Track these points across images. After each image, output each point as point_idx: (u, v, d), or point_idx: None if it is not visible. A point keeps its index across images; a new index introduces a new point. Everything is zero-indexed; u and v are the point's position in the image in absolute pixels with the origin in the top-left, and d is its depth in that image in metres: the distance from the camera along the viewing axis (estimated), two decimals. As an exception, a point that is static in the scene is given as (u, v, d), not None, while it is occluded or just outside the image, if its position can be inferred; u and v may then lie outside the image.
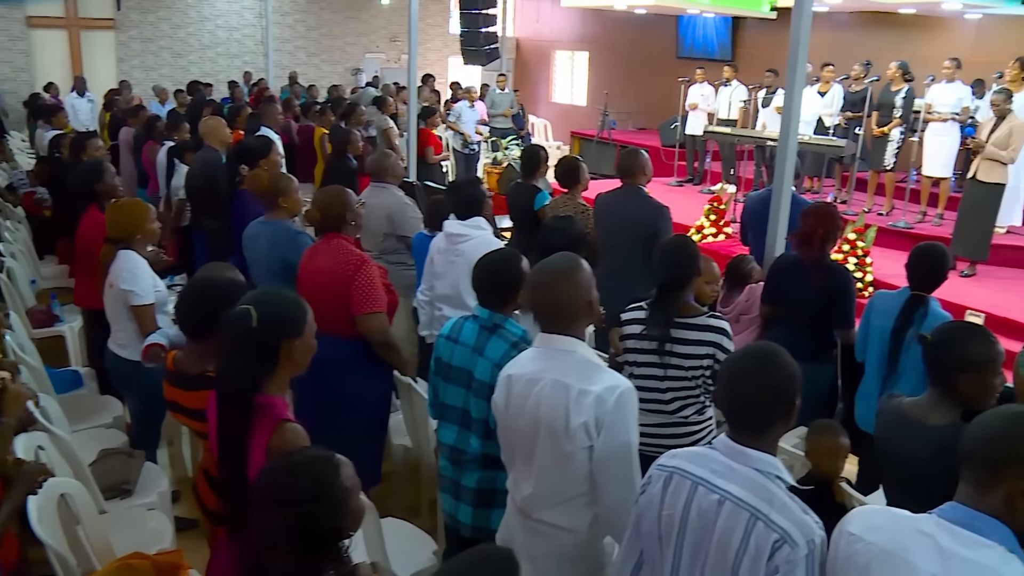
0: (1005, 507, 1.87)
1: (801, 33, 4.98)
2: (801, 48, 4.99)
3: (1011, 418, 1.93)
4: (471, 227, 4.84)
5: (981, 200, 8.33)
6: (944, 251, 4.16)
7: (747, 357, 2.26)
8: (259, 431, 2.56)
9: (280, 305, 2.69)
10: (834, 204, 4.80)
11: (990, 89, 9.91)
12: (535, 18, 20.99)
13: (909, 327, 4.04)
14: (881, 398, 2.95)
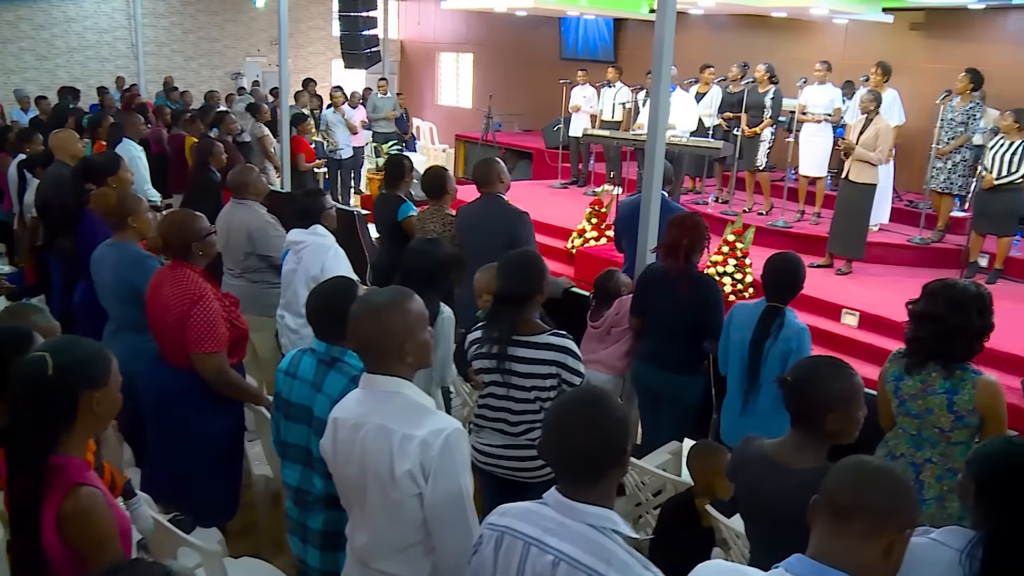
0: (880, 558, 1.83)
1: (665, 36, 4.88)
2: (666, 51, 4.88)
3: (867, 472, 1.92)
4: (310, 234, 4.78)
5: (854, 200, 8.46)
6: (798, 262, 4.09)
7: (571, 403, 2.08)
8: (52, 495, 2.26)
9: (80, 352, 2.38)
10: (699, 214, 4.65)
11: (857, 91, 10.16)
12: (417, 20, 20.71)
13: (766, 339, 3.96)
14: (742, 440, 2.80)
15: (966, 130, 9.10)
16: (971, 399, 3.24)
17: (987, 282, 8.69)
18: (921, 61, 11.32)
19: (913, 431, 3.41)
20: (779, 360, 3.92)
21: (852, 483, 1.88)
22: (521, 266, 3.57)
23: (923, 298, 3.37)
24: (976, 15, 10.94)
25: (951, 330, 3.25)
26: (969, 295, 3.27)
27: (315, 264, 4.68)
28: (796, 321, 4.00)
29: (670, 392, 4.59)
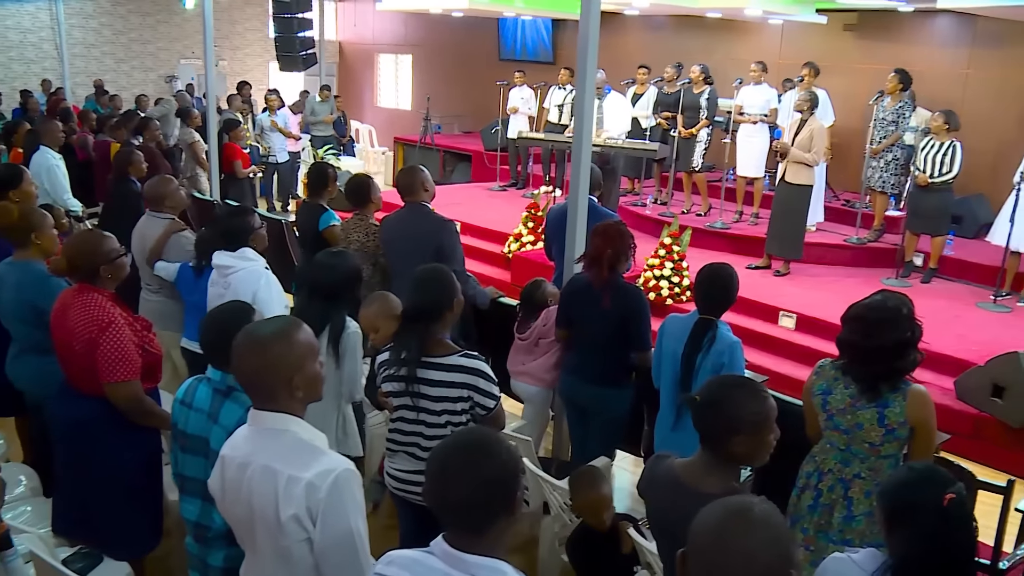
0: None
1: (590, 38, 4.73)
2: (590, 53, 4.74)
3: None
4: (238, 258, 4.46)
5: (791, 201, 8.43)
6: (731, 274, 3.97)
7: (453, 450, 1.92)
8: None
9: None
10: (622, 222, 4.51)
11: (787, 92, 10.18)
12: (354, 21, 20.43)
13: (698, 352, 3.84)
14: (650, 458, 2.68)
15: (897, 128, 9.14)
16: (902, 412, 3.15)
17: (922, 281, 8.76)
18: (855, 61, 11.39)
19: (842, 446, 3.31)
20: (711, 374, 3.80)
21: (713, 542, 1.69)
22: (431, 282, 3.39)
23: (847, 324, 3.28)
24: (905, 17, 11.02)
25: (886, 349, 3.15)
26: (892, 309, 3.18)
27: (246, 292, 4.37)
28: (729, 334, 3.89)
29: (597, 405, 4.45)
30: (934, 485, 2.26)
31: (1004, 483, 3.74)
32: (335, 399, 4.03)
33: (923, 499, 2.23)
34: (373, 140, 18.66)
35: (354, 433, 4.12)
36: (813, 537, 3.38)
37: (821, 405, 3.34)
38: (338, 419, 4.06)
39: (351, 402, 4.06)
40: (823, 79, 9.72)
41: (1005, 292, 8.29)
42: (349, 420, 4.09)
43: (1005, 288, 8.30)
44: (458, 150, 15.49)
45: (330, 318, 3.91)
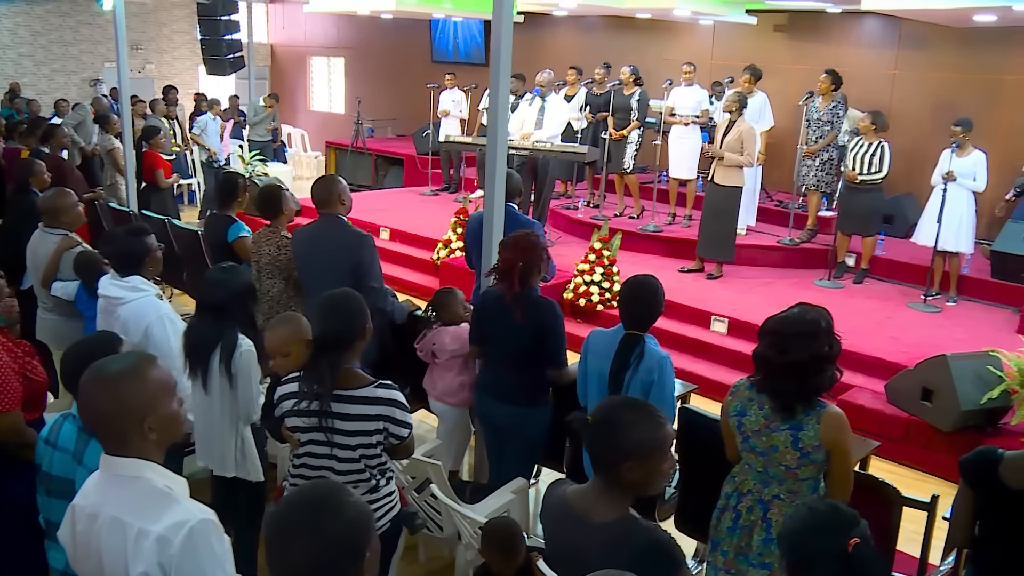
0: None
1: (502, 39, 4.54)
2: (503, 53, 4.55)
3: None
4: (127, 288, 4.15)
5: (721, 203, 8.34)
6: (655, 287, 3.79)
7: (290, 512, 1.70)
8: None
9: None
10: (534, 233, 4.29)
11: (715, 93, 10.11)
12: (282, 24, 20.02)
13: (626, 369, 3.65)
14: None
15: (832, 128, 9.11)
16: (816, 435, 2.99)
17: (855, 282, 8.74)
18: (786, 62, 11.37)
19: (759, 467, 3.15)
20: (640, 391, 3.63)
21: None
22: (341, 308, 3.16)
23: (762, 337, 3.11)
24: (834, 18, 11.03)
25: (802, 365, 2.99)
26: (809, 322, 3.02)
27: (136, 328, 4.08)
28: (657, 349, 3.70)
29: (513, 425, 4.24)
30: (837, 530, 2.11)
31: (928, 499, 3.61)
32: (232, 421, 3.80)
33: (825, 547, 2.09)
34: (306, 144, 18.29)
35: (253, 456, 3.88)
36: (732, 560, 3.22)
37: (737, 427, 3.18)
38: (236, 442, 3.83)
39: (249, 424, 3.82)
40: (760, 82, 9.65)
41: (935, 292, 8.30)
42: (248, 443, 3.85)
43: (934, 288, 8.31)
44: (391, 154, 15.22)
45: (221, 336, 3.68)
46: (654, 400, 3.58)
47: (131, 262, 4.20)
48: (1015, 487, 2.71)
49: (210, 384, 3.76)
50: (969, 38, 9.75)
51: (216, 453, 3.87)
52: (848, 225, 8.60)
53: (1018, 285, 8.19)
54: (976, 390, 5.72)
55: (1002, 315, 8.01)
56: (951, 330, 7.50)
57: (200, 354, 3.76)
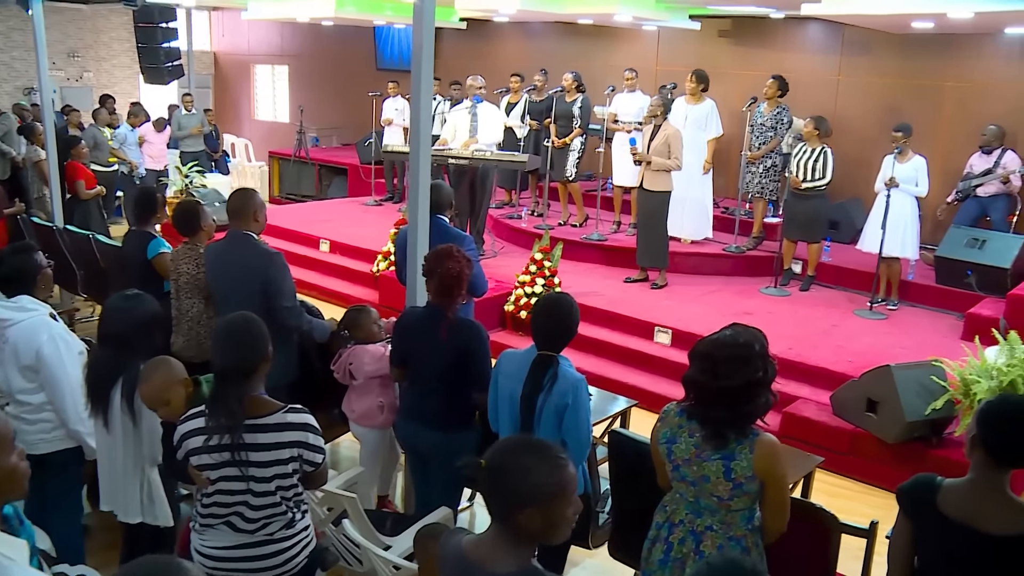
0: None
1: (424, 44, 4.33)
2: (424, 59, 4.34)
3: None
4: (15, 309, 3.87)
5: (652, 209, 8.19)
6: (569, 305, 3.57)
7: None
8: None
9: None
10: (457, 247, 4.07)
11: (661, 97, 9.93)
12: (225, 32, 19.62)
13: (539, 392, 3.44)
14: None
15: (775, 134, 9.01)
16: (749, 465, 2.80)
17: (801, 289, 8.65)
18: (731, 67, 11.28)
19: (691, 497, 2.95)
20: (554, 416, 3.41)
21: None
22: (241, 334, 2.94)
23: (693, 361, 2.92)
24: (778, 24, 10.97)
25: (734, 391, 2.80)
26: (742, 346, 2.83)
27: (27, 351, 3.81)
28: (572, 371, 3.49)
29: (438, 451, 4.01)
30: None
31: (867, 526, 3.44)
32: (136, 462, 3.54)
33: None
34: (250, 154, 17.90)
35: (161, 500, 3.63)
36: (666, 594, 3.02)
37: (666, 454, 2.98)
38: (142, 484, 3.58)
39: (155, 465, 3.57)
40: (707, 88, 9.52)
41: (880, 298, 8.21)
42: (155, 485, 3.60)
43: (880, 294, 8.22)
44: (334, 164, 14.93)
45: (122, 370, 3.42)
46: (568, 425, 3.39)
47: (18, 282, 3.93)
48: (954, 517, 2.53)
49: (112, 422, 3.50)
50: (910, 44, 9.73)
51: (120, 498, 3.60)
52: (793, 232, 8.50)
53: (962, 290, 8.12)
54: (921, 400, 5.60)
55: (947, 321, 7.93)
56: (897, 337, 7.40)
57: (101, 390, 3.51)
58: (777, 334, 7.24)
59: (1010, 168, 8.57)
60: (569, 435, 3.41)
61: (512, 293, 7.87)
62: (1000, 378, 5.38)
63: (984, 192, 8.74)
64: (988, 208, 8.79)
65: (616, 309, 7.71)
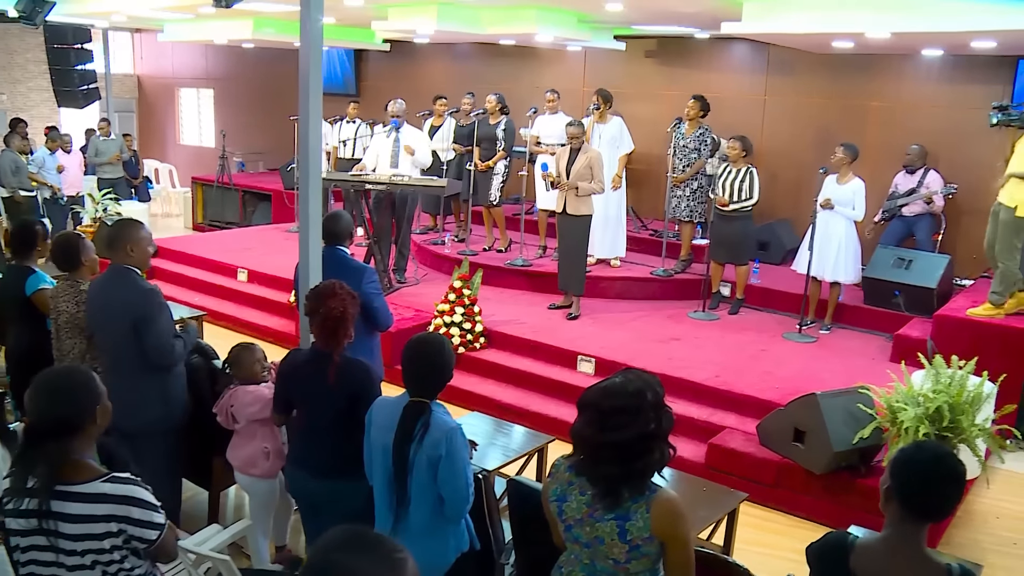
0: None
1: (311, 65, 4.03)
2: (312, 81, 4.07)
3: None
4: None
5: (576, 234, 7.91)
6: (439, 345, 3.27)
7: None
8: None
9: None
10: (341, 283, 3.76)
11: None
12: (146, 54, 19.09)
13: (410, 442, 3.14)
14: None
15: (699, 156, 8.86)
16: (646, 525, 2.52)
17: (730, 312, 8.48)
18: (658, 88, 11.17)
19: (586, 560, 2.67)
20: (428, 469, 3.11)
21: None
22: (60, 388, 2.58)
23: (580, 412, 2.65)
24: (704, 44, 10.88)
25: (623, 445, 2.53)
26: (632, 395, 2.56)
27: None
28: (446, 419, 3.19)
29: (330, 501, 3.69)
30: None
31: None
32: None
33: None
34: (174, 180, 17.41)
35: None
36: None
37: (557, 513, 2.70)
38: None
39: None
40: (622, 106, 9.33)
41: (810, 320, 8.07)
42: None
43: (810, 316, 8.08)
44: (258, 189, 14.49)
45: None
46: (443, 478, 3.09)
47: None
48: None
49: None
50: (835, 65, 9.69)
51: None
52: (720, 254, 8.33)
53: (891, 311, 8.02)
54: (848, 429, 5.42)
55: (876, 343, 7.81)
56: (826, 361, 7.25)
57: None
58: (704, 360, 7.06)
59: (933, 188, 8.53)
60: (445, 489, 3.12)
61: (431, 323, 7.56)
62: (926, 404, 5.22)
63: (909, 212, 8.69)
64: (913, 228, 8.75)
65: (539, 338, 7.44)
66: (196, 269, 10.59)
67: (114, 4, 10.59)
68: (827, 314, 8.11)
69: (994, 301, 6.96)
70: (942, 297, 7.83)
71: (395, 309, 8.12)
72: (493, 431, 5.38)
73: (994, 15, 6.11)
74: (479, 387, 7.16)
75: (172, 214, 16.85)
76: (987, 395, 5.40)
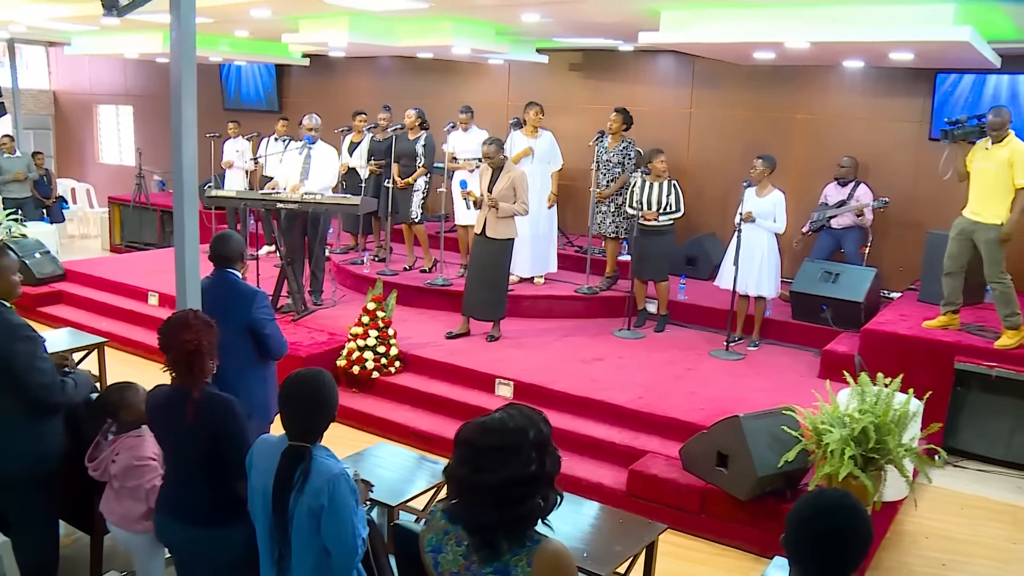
0: None
1: (183, 75, 3.69)
2: (184, 95, 3.71)
3: None
4: None
5: (494, 258, 7.56)
6: (318, 383, 2.91)
7: None
8: None
9: None
10: (197, 311, 3.43)
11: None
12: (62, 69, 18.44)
13: (290, 490, 2.81)
14: None
15: (623, 171, 8.66)
16: None
17: (656, 330, 8.27)
18: (583, 102, 10.97)
19: (468, 618, 2.36)
20: (309, 519, 2.79)
21: None
22: None
23: (455, 449, 2.35)
24: (629, 57, 10.70)
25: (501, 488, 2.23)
26: (511, 432, 2.27)
27: None
28: (328, 464, 2.85)
29: (200, 551, 3.33)
30: None
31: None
32: None
33: None
34: (92, 200, 16.77)
35: None
36: None
37: (433, 565, 2.39)
38: None
39: None
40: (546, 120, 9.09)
41: (737, 337, 7.90)
42: None
43: (737, 332, 7.91)
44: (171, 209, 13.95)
45: None
46: (328, 531, 2.77)
47: None
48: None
49: None
50: (760, 77, 9.58)
51: None
52: (643, 270, 8.12)
53: (819, 326, 7.88)
54: (772, 452, 5.20)
55: (804, 358, 7.67)
56: (752, 379, 7.06)
57: None
58: (627, 381, 6.82)
59: (863, 201, 8.43)
60: (330, 542, 2.80)
61: (344, 347, 7.22)
62: (852, 425, 5.03)
63: (838, 224, 8.59)
64: (842, 240, 8.65)
65: (455, 361, 7.13)
66: (105, 293, 10.11)
67: (8, 13, 10.07)
68: (754, 330, 7.96)
69: (1013, 324, 6.56)
70: (870, 310, 7.71)
71: (308, 333, 7.82)
72: (404, 461, 5.05)
73: (910, 27, 6.02)
74: (393, 414, 6.83)
75: (90, 235, 16.23)
76: (913, 413, 5.22)
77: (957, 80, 8.56)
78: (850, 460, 4.91)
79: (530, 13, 7.58)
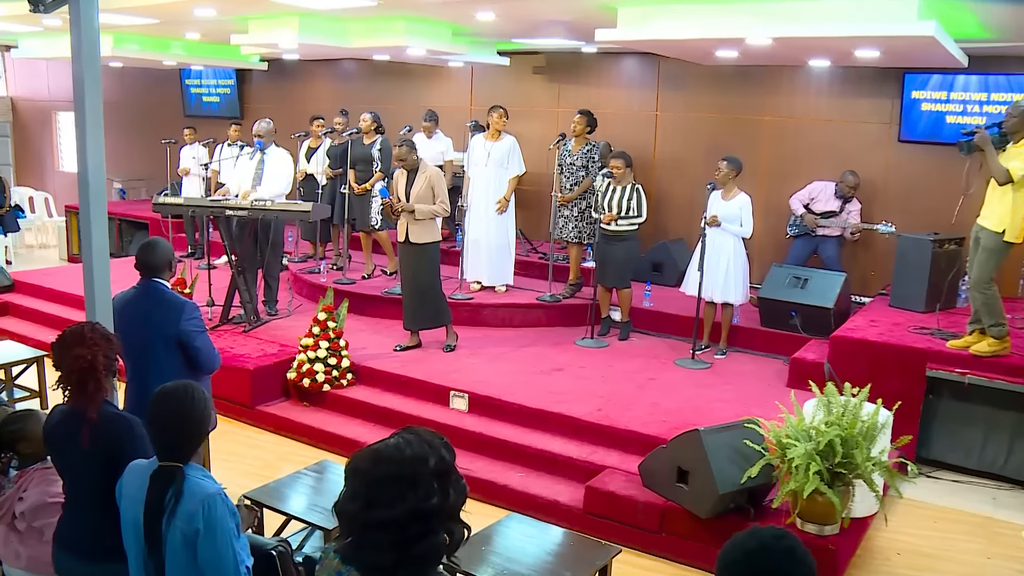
0: None
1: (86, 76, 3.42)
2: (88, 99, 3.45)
3: None
4: None
5: (421, 265, 7.27)
6: (187, 399, 2.69)
7: None
8: None
9: None
10: (95, 323, 3.14)
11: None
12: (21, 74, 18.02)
13: (161, 515, 2.53)
14: None
15: (587, 174, 8.40)
16: None
17: (620, 338, 8.02)
18: (547, 105, 10.74)
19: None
20: (185, 547, 2.52)
21: None
22: None
23: (346, 481, 2.05)
24: (593, 59, 10.47)
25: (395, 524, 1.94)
26: (408, 461, 1.97)
27: None
28: (203, 484, 2.58)
29: (100, 589, 3.04)
30: None
31: None
32: None
33: None
34: (51, 209, 16.36)
35: None
36: None
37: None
38: None
39: None
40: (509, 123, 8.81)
41: (704, 344, 7.67)
42: None
43: (704, 340, 7.68)
44: (135, 218, 13.61)
45: None
46: (205, 558, 2.50)
47: None
48: None
49: None
50: (725, 78, 9.38)
51: None
52: (607, 277, 7.86)
53: (788, 333, 7.66)
54: (735, 468, 4.95)
55: (772, 366, 7.44)
56: (718, 389, 6.81)
57: None
58: (587, 392, 6.56)
59: (853, 215, 8.27)
60: (208, 570, 2.53)
61: (294, 359, 6.92)
62: (817, 439, 4.79)
63: (821, 231, 8.36)
64: (820, 246, 8.42)
65: (408, 372, 6.84)
66: (55, 304, 9.74)
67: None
68: (721, 337, 7.71)
69: (996, 334, 6.20)
70: (840, 316, 7.48)
71: (259, 344, 7.50)
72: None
73: (873, 22, 5.79)
74: (343, 428, 6.52)
75: (48, 245, 15.86)
76: (883, 424, 4.99)
77: (925, 80, 8.38)
78: (816, 476, 4.66)
79: (483, 11, 7.31)
